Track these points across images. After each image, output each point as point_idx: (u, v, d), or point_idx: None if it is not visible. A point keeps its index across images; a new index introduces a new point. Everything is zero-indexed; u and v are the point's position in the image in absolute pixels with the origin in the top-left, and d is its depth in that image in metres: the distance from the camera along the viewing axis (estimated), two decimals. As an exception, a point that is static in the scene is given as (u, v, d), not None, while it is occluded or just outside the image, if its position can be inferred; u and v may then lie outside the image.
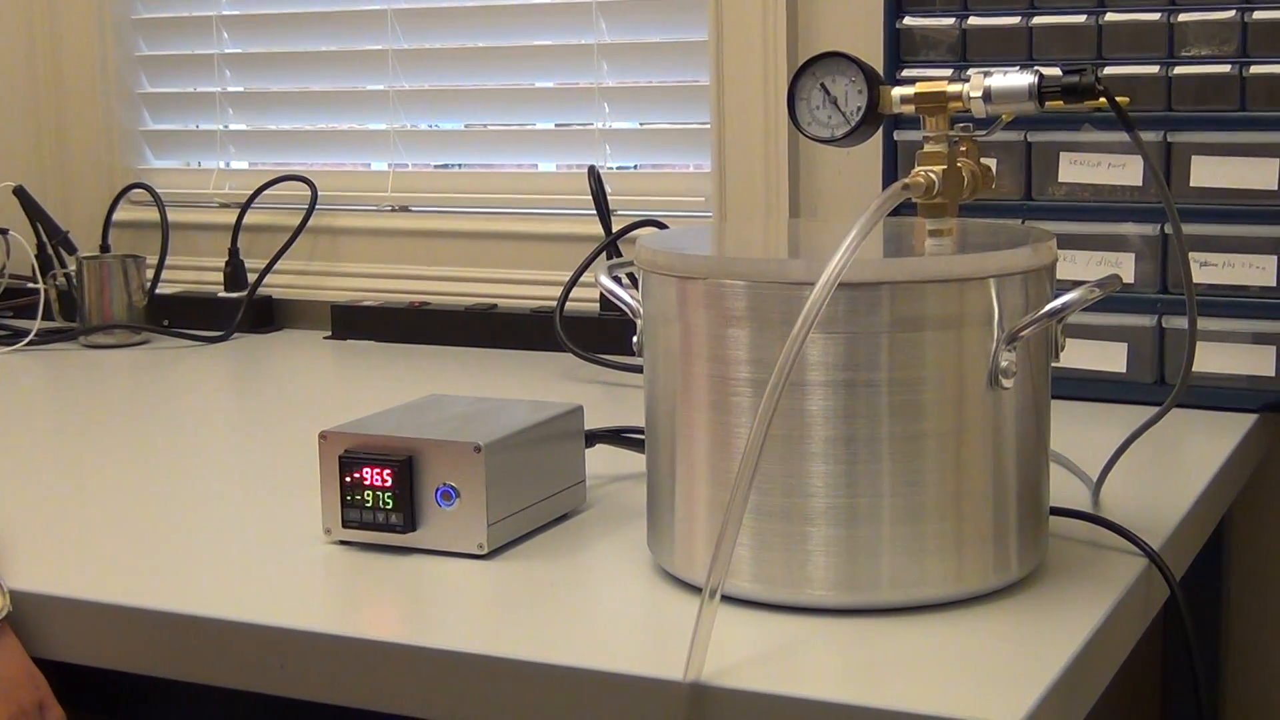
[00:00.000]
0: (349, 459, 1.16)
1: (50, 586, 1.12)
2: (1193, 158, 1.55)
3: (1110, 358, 1.59)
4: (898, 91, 1.10)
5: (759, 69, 1.86)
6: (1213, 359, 1.55)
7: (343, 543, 1.18)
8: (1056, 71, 1.07)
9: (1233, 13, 1.53)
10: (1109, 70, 1.57)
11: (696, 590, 0.98)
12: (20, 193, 2.18)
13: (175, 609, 1.07)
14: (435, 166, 2.20)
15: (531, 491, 1.19)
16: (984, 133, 1.11)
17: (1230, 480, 1.42)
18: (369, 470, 1.15)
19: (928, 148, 1.09)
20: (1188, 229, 1.53)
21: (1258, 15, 1.53)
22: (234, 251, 2.17)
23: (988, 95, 1.07)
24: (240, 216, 2.16)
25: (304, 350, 2.04)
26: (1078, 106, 1.07)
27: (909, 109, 1.10)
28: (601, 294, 1.71)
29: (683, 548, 1.07)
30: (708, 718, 0.92)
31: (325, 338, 2.09)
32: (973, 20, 1.64)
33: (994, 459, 1.03)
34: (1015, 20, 1.62)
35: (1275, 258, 1.53)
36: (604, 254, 1.87)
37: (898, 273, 0.99)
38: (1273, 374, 1.54)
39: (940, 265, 1.00)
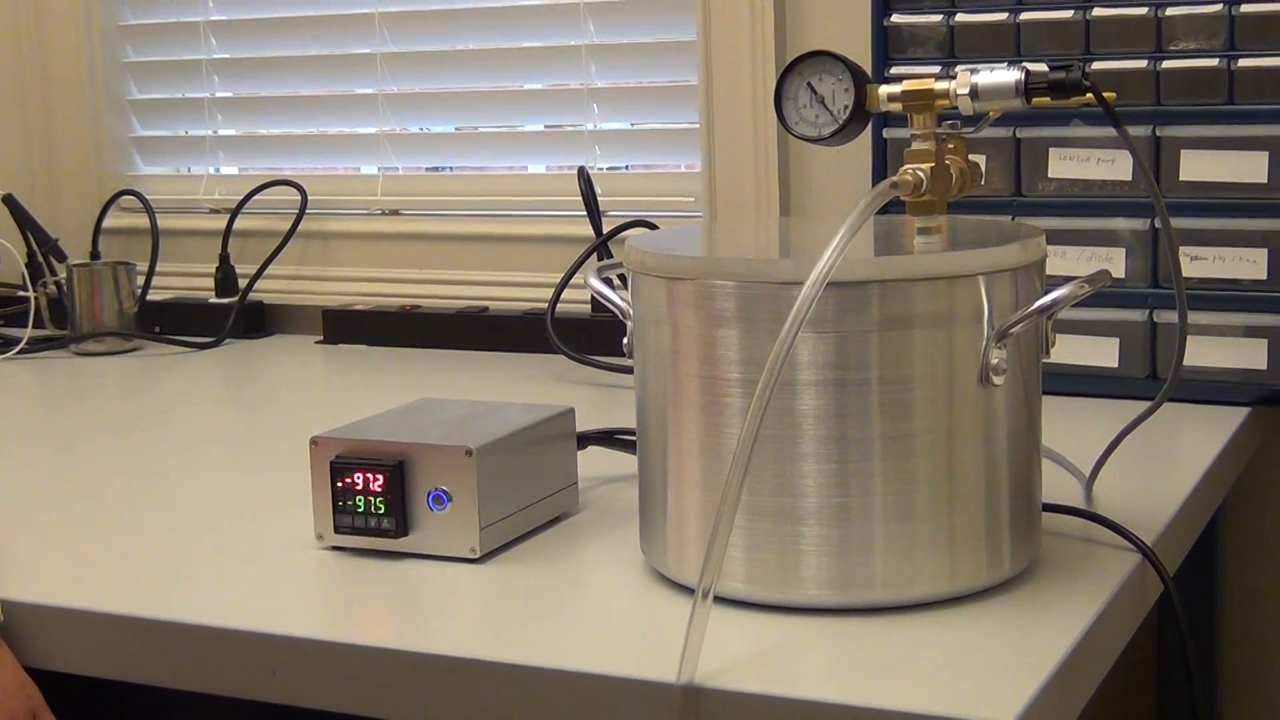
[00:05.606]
0: (340, 464, 1.15)
1: (42, 595, 1.12)
2: (1182, 151, 1.55)
3: (1102, 353, 1.59)
4: (885, 90, 1.10)
5: (748, 68, 1.85)
6: (1205, 353, 1.55)
7: (335, 548, 1.18)
8: (1043, 67, 1.07)
9: (1220, 6, 1.53)
10: (1097, 65, 1.57)
11: (689, 591, 0.98)
12: (9, 200, 2.18)
13: (167, 617, 1.07)
14: (425, 169, 2.20)
15: (524, 494, 1.19)
16: (971, 130, 1.10)
17: (1223, 474, 1.42)
18: (361, 475, 1.15)
19: (915, 145, 1.09)
20: (1178, 223, 1.53)
21: (1245, 8, 1.53)
22: (224, 257, 2.16)
23: (974, 92, 1.07)
24: (230, 222, 2.16)
25: (296, 355, 2.04)
26: (1065, 102, 1.07)
27: (896, 107, 1.09)
28: (593, 295, 1.71)
29: (675, 549, 1.07)
30: (702, 719, 0.92)
31: (317, 342, 2.08)
32: (960, 17, 1.63)
33: (985, 456, 1.03)
34: (1003, 16, 1.61)
35: (1266, 250, 1.53)
36: (594, 255, 1.87)
37: (887, 271, 0.99)
38: (1264, 367, 1.54)
39: (930, 263, 1.00)
